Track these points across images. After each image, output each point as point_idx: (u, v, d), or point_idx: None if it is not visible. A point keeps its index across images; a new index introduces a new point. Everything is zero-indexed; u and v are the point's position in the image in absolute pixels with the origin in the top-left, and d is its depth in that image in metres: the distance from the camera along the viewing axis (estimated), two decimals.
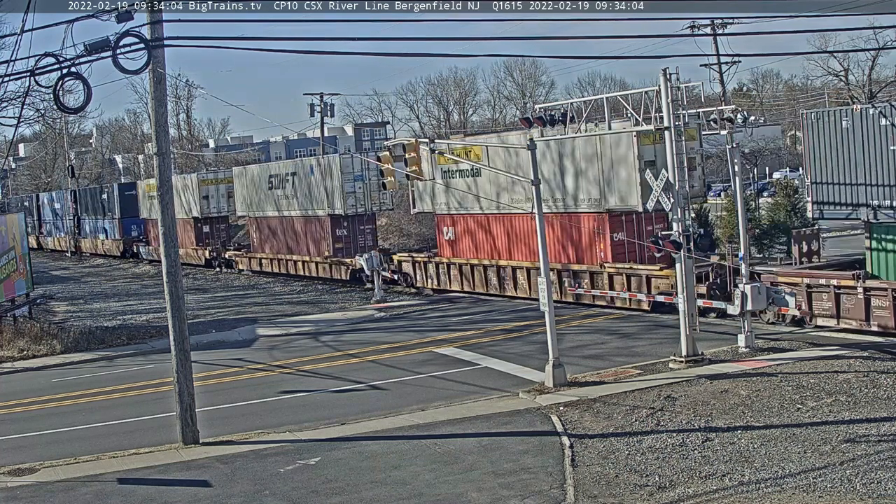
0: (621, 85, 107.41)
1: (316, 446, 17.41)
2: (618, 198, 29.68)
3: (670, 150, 21.91)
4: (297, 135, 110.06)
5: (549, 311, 20.64)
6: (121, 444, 18.76)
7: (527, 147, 21.86)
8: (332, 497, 14.64)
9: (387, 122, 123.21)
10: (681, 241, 21.55)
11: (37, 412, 22.61)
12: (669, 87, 21.51)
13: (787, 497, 13.16)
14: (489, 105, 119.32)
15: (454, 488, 14.56)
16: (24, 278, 36.55)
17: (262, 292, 44.01)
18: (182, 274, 19.05)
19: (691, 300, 21.88)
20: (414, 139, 25.31)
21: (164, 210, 18.51)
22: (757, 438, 15.82)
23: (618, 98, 23.68)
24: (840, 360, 20.70)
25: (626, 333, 26.27)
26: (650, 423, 17.25)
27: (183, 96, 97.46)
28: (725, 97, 60.37)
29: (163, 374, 22.89)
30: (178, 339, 18.39)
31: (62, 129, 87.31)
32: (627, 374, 21.09)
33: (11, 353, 30.15)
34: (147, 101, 60.27)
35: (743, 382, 19.45)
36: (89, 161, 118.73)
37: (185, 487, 15.71)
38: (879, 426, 15.94)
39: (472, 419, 18.47)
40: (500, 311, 32.00)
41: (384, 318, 33.06)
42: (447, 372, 23.17)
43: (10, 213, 47.54)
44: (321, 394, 22.08)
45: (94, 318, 38.43)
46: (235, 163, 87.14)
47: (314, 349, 28.12)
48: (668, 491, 13.80)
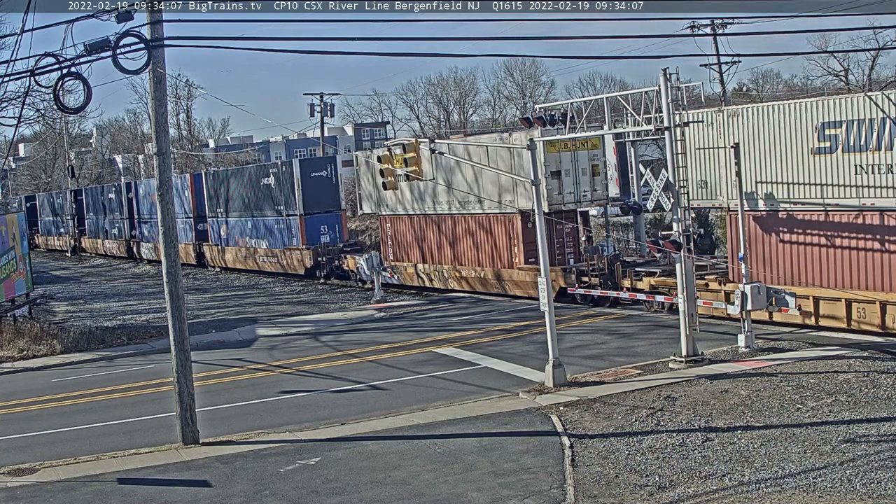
0: (621, 85, 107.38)
1: (316, 446, 17.41)
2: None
3: (670, 150, 21.92)
4: (297, 135, 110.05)
5: (549, 311, 20.64)
6: (121, 444, 18.76)
7: (527, 147, 21.87)
8: (332, 497, 14.64)
9: (387, 122, 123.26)
10: (681, 241, 21.58)
11: (37, 412, 22.61)
12: (669, 87, 21.52)
13: (787, 497, 13.16)
14: (489, 105, 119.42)
15: (454, 488, 14.56)
16: (24, 278, 36.57)
17: (261, 292, 44.02)
18: (182, 274, 19.05)
19: (691, 300, 21.88)
20: (414, 139, 25.34)
21: (164, 210, 18.51)
22: (757, 438, 15.82)
23: (618, 98, 23.68)
24: (840, 360, 20.70)
25: (625, 333, 26.27)
26: (650, 423, 17.25)
27: (183, 96, 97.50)
28: (725, 97, 60.42)
29: (163, 374, 22.90)
30: (178, 339, 18.39)
31: (62, 129, 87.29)
32: (627, 374, 21.09)
33: (11, 353, 30.15)
34: (147, 101, 60.13)
35: (743, 382, 19.46)
36: (89, 161, 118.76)
37: (185, 487, 15.71)
38: (879, 426, 15.94)
39: (472, 419, 18.47)
40: (500, 311, 32.00)
41: (384, 318, 33.06)
42: (447, 372, 23.17)
43: (11, 213, 47.57)
44: (321, 394, 22.08)
45: (94, 318, 38.42)
46: (236, 163, 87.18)
47: (314, 349, 28.12)
48: (668, 491, 13.80)
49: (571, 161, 31.79)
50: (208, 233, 56.30)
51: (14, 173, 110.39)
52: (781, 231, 24.59)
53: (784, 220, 24.53)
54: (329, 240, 46.67)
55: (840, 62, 76.76)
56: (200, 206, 56.57)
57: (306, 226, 46.59)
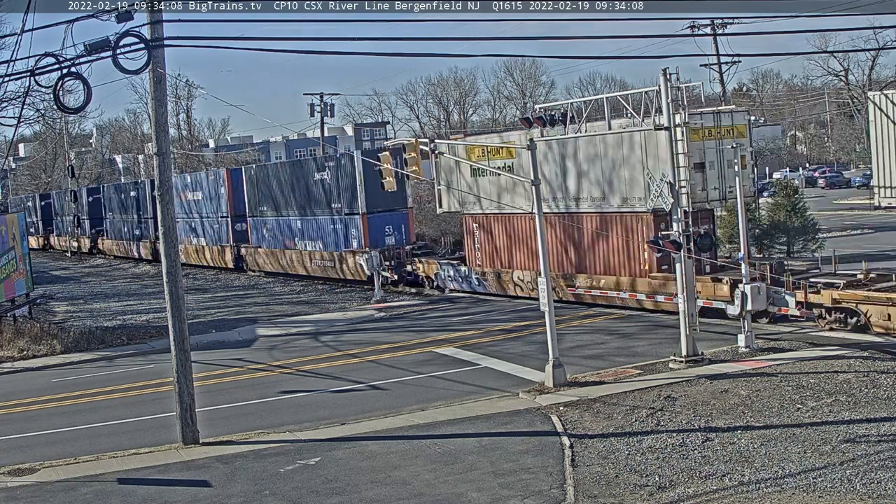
0: (621, 85, 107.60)
1: (316, 446, 17.42)
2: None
3: (670, 150, 21.92)
4: (297, 135, 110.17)
5: (549, 311, 20.64)
6: (121, 444, 18.76)
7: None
8: (332, 497, 14.64)
9: (387, 122, 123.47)
10: (681, 241, 21.56)
11: (37, 412, 22.61)
12: (669, 87, 21.51)
13: (787, 497, 13.16)
14: (489, 105, 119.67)
15: (454, 488, 14.56)
16: (24, 278, 36.58)
17: (261, 292, 44.00)
18: (182, 274, 19.05)
19: (691, 300, 21.88)
20: (414, 139, 25.33)
21: (164, 210, 18.51)
22: (757, 438, 15.82)
23: (618, 98, 23.68)
24: (840, 360, 20.71)
25: (625, 333, 26.27)
26: (650, 423, 17.25)
27: (183, 96, 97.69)
28: (725, 97, 60.40)
29: (163, 374, 22.89)
30: (178, 339, 18.39)
31: (62, 129, 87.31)
32: (627, 374, 21.09)
33: (11, 353, 30.15)
34: (147, 101, 59.80)
35: (743, 382, 19.46)
36: (89, 161, 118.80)
37: (185, 487, 15.71)
38: (879, 426, 15.94)
39: (472, 419, 18.47)
40: (500, 311, 31.99)
41: (384, 318, 33.06)
42: (447, 372, 23.17)
43: (10, 213, 47.56)
44: (321, 394, 22.08)
45: (94, 318, 38.42)
46: (236, 163, 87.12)
47: (314, 349, 28.12)
48: (668, 491, 13.80)
49: (716, 150, 26.30)
50: (248, 234, 50.63)
51: (14, 173, 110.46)
52: None
53: None
54: (395, 241, 40.98)
55: (840, 62, 76.99)
56: (238, 204, 51.11)
57: (369, 226, 40.80)
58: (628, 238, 28.88)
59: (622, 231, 29.01)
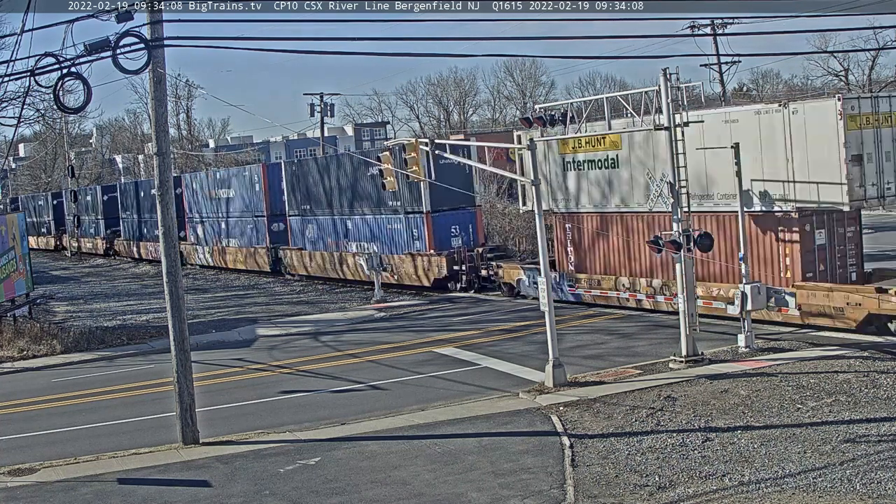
0: (621, 85, 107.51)
1: (316, 446, 17.42)
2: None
3: (670, 150, 21.91)
4: (297, 135, 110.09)
5: (549, 311, 20.64)
6: (121, 444, 18.77)
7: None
8: (332, 497, 14.64)
9: (387, 122, 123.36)
10: (681, 241, 21.56)
11: (37, 412, 22.61)
12: (669, 87, 21.51)
13: (787, 497, 13.16)
14: (489, 105, 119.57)
15: (454, 488, 14.56)
16: (24, 278, 36.58)
17: (261, 292, 44.01)
18: (182, 274, 19.05)
19: (691, 300, 21.88)
20: (414, 139, 25.32)
21: (164, 210, 18.51)
22: (757, 438, 15.82)
23: (618, 98, 23.67)
24: (840, 360, 20.71)
25: (625, 333, 26.27)
26: (650, 423, 17.25)
27: (183, 96, 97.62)
28: (725, 97, 60.43)
29: (163, 374, 22.90)
30: (178, 339, 18.40)
31: (62, 129, 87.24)
32: (627, 374, 21.09)
33: (11, 353, 30.16)
34: (147, 101, 59.58)
35: (743, 382, 19.46)
36: (89, 161, 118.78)
37: (185, 487, 15.72)
38: (879, 426, 15.94)
39: (472, 419, 18.47)
40: (500, 311, 31.99)
41: (384, 318, 33.06)
42: (447, 372, 23.17)
43: (12, 213, 47.54)
44: (321, 394, 22.08)
45: (94, 318, 38.43)
46: (236, 163, 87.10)
47: (314, 349, 28.13)
48: (668, 491, 13.80)
49: (874, 141, 23.01)
50: (287, 234, 46.93)
51: (14, 173, 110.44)
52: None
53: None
54: (462, 243, 37.30)
55: (840, 62, 76.86)
56: (276, 202, 47.70)
57: (434, 226, 36.93)
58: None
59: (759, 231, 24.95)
